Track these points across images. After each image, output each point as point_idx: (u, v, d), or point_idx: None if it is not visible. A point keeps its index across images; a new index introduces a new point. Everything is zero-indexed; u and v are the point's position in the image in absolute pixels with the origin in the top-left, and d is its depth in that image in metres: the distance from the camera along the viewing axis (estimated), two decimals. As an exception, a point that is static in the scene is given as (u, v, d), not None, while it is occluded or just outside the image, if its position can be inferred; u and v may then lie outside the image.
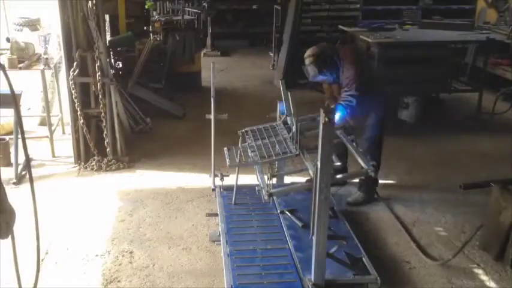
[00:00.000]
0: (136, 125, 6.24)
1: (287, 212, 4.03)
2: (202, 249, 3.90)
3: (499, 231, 2.70)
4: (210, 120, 4.30)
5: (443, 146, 5.91)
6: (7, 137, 5.37)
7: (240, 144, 3.62)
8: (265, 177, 3.44)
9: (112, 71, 5.84)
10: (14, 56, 5.39)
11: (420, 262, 3.78)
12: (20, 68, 5.37)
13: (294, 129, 3.37)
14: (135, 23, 7.98)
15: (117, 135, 5.42)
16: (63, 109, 6.09)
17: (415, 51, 6.77)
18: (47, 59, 5.43)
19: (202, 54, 8.99)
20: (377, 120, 4.49)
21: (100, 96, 5.16)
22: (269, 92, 7.88)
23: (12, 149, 5.08)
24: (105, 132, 5.30)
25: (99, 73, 5.09)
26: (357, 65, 4.29)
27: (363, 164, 3.29)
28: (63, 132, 6.20)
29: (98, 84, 5.13)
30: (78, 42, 5.06)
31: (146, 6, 9.24)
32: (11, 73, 2.17)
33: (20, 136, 4.42)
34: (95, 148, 5.30)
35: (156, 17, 10.15)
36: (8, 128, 5.81)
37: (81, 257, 3.79)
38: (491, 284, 3.54)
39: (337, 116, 3.97)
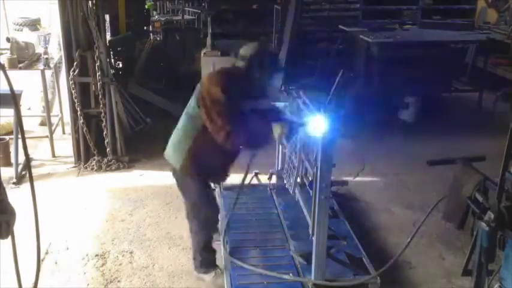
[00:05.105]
0: (136, 125, 6.24)
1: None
2: (202, 249, 3.89)
3: (461, 203, 2.86)
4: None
5: (443, 146, 5.90)
6: (7, 137, 5.38)
7: None
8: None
9: (112, 71, 5.84)
10: (14, 56, 5.39)
11: (420, 262, 3.78)
12: (20, 68, 5.37)
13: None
14: (135, 23, 7.98)
15: (117, 135, 5.43)
16: (63, 109, 6.09)
17: (415, 51, 6.77)
18: (47, 59, 5.43)
19: (202, 54, 8.99)
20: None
21: (100, 96, 5.16)
22: (269, 91, 7.87)
23: (12, 149, 5.08)
24: (105, 132, 5.30)
25: (99, 73, 5.09)
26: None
27: None
28: (63, 132, 6.20)
29: (98, 84, 5.13)
30: (78, 42, 5.06)
31: (146, 6, 9.26)
32: (11, 73, 2.17)
33: (20, 136, 4.42)
34: (94, 148, 5.30)
35: (156, 17, 10.18)
36: (8, 128, 5.81)
37: (81, 257, 3.79)
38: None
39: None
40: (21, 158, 4.92)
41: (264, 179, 4.56)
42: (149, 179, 5.12)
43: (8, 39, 5.52)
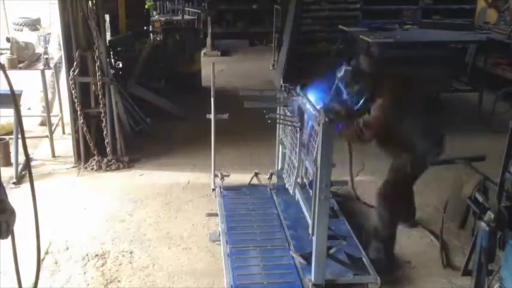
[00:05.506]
0: (136, 125, 6.24)
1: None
2: (202, 249, 3.90)
3: (461, 203, 2.88)
4: (210, 120, 4.30)
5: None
6: (7, 137, 5.37)
7: None
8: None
9: (112, 71, 5.84)
10: (14, 56, 5.39)
11: (420, 262, 3.78)
12: (20, 68, 5.37)
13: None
14: (135, 23, 7.97)
15: (117, 135, 5.42)
16: (63, 109, 6.09)
17: (415, 51, 6.77)
18: (47, 59, 5.43)
19: (202, 54, 8.99)
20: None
21: (100, 96, 5.16)
22: (269, 91, 7.87)
23: (12, 149, 5.08)
24: (105, 132, 5.30)
25: (99, 73, 5.09)
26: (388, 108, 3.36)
27: None
28: (63, 132, 6.20)
29: (98, 84, 5.13)
30: (78, 42, 5.06)
31: (146, 6, 9.25)
32: (11, 73, 2.17)
33: (20, 136, 4.42)
34: (94, 148, 5.30)
35: (156, 17, 10.18)
36: (8, 128, 5.81)
37: (81, 257, 3.79)
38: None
39: None
40: (21, 158, 4.92)
41: (264, 179, 4.56)
42: (149, 179, 5.12)
43: (8, 39, 5.51)
